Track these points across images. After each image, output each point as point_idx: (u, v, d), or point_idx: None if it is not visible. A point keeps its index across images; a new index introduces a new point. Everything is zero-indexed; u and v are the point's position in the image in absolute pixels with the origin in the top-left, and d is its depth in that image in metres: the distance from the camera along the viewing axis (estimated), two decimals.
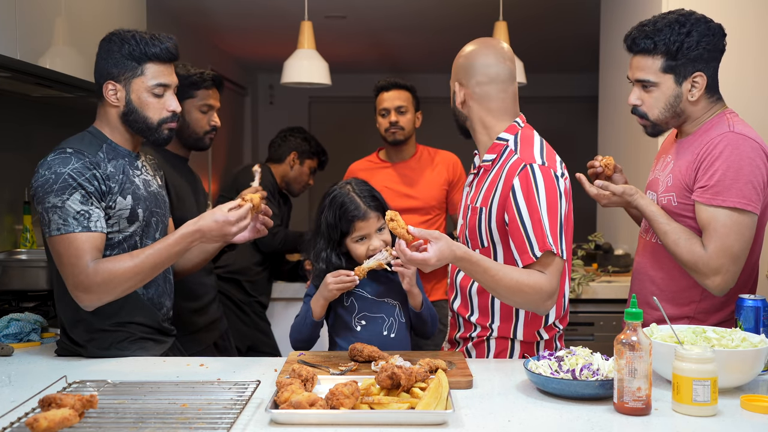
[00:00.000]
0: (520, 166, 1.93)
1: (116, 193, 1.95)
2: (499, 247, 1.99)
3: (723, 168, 1.92)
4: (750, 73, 3.03)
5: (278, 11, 5.02)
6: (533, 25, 5.29)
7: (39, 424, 1.28)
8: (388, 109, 3.25)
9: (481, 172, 2.08)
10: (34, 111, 3.24)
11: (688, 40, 1.97)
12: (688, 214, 2.01)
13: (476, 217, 2.02)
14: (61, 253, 1.87)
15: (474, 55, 2.06)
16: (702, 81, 2.01)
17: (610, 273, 3.62)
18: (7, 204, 3.06)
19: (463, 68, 2.07)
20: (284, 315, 3.53)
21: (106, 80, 2.00)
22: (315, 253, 2.12)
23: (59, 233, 1.86)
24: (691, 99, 2.02)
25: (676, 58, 1.98)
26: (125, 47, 1.97)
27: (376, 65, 7.27)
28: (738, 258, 1.94)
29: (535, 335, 2.03)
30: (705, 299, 2.02)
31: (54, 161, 1.90)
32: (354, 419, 1.46)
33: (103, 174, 1.93)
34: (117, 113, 2.01)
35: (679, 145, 2.10)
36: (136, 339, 2.02)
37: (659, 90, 2.03)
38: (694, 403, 1.51)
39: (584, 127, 6.62)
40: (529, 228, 1.89)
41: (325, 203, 2.10)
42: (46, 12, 2.57)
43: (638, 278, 2.18)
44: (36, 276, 2.60)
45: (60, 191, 1.87)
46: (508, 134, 2.03)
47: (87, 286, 1.85)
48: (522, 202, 1.91)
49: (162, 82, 2.00)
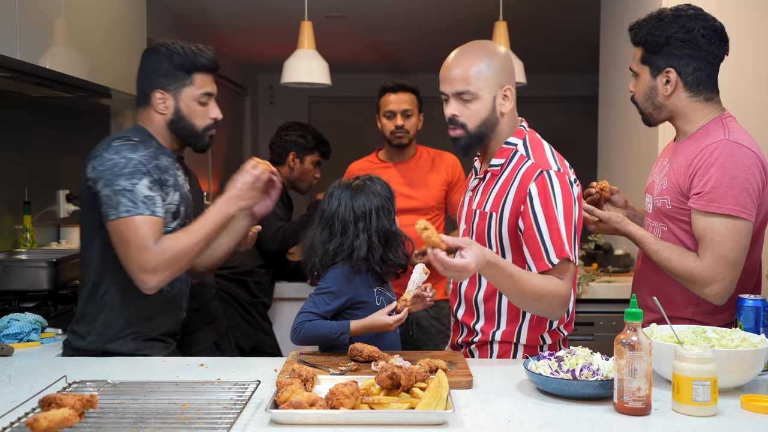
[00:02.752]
0: (537, 172, 1.91)
1: (170, 186, 2.04)
2: (508, 253, 1.97)
3: (718, 175, 1.92)
4: (748, 74, 3.03)
5: (278, 11, 5.02)
6: (533, 25, 5.29)
7: (39, 424, 1.28)
8: (394, 111, 3.22)
9: (488, 177, 2.04)
10: (34, 111, 3.24)
11: (658, 34, 2.01)
12: (683, 217, 2.01)
13: (485, 223, 1.99)
14: (128, 236, 1.92)
15: (509, 53, 2.06)
16: (672, 77, 2.02)
17: (610, 273, 3.62)
18: (7, 204, 3.06)
19: (510, 66, 2.01)
20: (286, 315, 3.53)
21: (154, 89, 2.07)
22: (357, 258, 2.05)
23: (128, 215, 1.91)
24: (665, 93, 2.04)
25: (651, 50, 2.03)
26: (175, 58, 2.06)
27: (376, 65, 7.26)
28: (734, 265, 1.93)
29: (539, 339, 2.02)
30: (702, 302, 2.02)
31: (122, 147, 1.98)
32: (354, 419, 1.46)
33: (162, 166, 2.03)
34: (164, 120, 2.09)
35: (675, 148, 2.10)
36: (149, 339, 2.06)
37: (640, 80, 2.09)
38: (694, 403, 1.51)
39: (584, 127, 6.62)
40: (546, 235, 1.87)
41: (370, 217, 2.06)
42: (46, 12, 2.57)
43: (639, 281, 2.19)
44: (36, 276, 2.60)
45: (131, 175, 1.94)
46: (517, 138, 2.02)
47: (154, 266, 1.91)
48: (539, 209, 1.89)
49: (208, 91, 2.12)
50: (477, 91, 1.95)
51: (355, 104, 7.24)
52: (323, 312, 2.03)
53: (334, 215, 2.08)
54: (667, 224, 2.06)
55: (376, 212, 2.06)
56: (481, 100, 1.96)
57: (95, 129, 3.93)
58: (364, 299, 2.06)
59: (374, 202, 2.07)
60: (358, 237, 2.04)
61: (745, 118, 2.40)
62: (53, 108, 3.38)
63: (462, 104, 1.97)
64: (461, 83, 1.96)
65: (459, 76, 1.96)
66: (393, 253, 2.08)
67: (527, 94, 5.55)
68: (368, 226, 2.05)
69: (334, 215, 2.08)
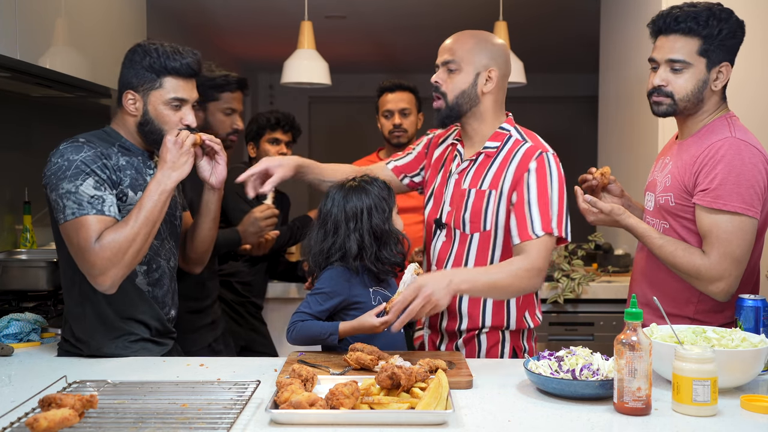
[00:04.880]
0: (537, 152, 2.01)
1: (127, 186, 1.99)
2: (500, 231, 2.05)
3: (725, 172, 1.92)
4: (756, 76, 3.03)
5: (278, 11, 5.03)
6: (533, 25, 5.29)
7: (39, 424, 1.28)
8: (392, 111, 3.24)
9: (481, 158, 2.09)
10: (34, 111, 3.24)
11: (727, 27, 2.00)
12: (686, 214, 2.01)
13: (483, 201, 2.05)
14: (72, 238, 1.89)
15: (506, 48, 2.14)
16: (727, 72, 2.03)
17: (610, 273, 3.62)
18: (7, 204, 3.06)
19: (502, 56, 2.10)
20: (280, 315, 3.52)
21: (126, 89, 2.04)
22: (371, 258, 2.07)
23: (73, 217, 1.88)
24: (714, 89, 2.03)
25: (713, 43, 2.00)
26: (146, 59, 2.01)
27: (376, 65, 7.27)
28: (740, 262, 1.94)
29: (524, 322, 2.11)
30: (702, 301, 2.02)
31: (66, 149, 1.94)
32: (354, 419, 1.46)
33: (114, 165, 1.98)
34: (134, 122, 2.06)
35: (679, 146, 2.10)
36: (137, 340, 2.03)
37: (690, 72, 2.02)
38: (694, 403, 1.51)
39: (584, 127, 6.63)
40: (535, 208, 1.96)
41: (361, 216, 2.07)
42: (46, 12, 2.57)
43: (640, 278, 2.18)
44: (36, 276, 2.60)
45: (73, 177, 1.90)
46: (509, 125, 2.12)
47: (100, 265, 1.87)
48: (534, 184, 1.98)
49: (179, 97, 2.03)
50: (460, 61, 2.06)
51: (355, 104, 7.24)
52: (316, 312, 2.04)
53: (327, 215, 2.10)
54: (669, 221, 2.06)
55: (368, 211, 2.07)
56: (462, 73, 2.06)
57: (95, 129, 3.92)
58: (359, 299, 2.06)
59: (366, 202, 2.07)
60: (350, 237, 2.05)
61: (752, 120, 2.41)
62: (53, 108, 3.38)
63: (446, 74, 2.08)
64: (448, 53, 2.08)
65: (448, 47, 2.09)
66: (388, 252, 2.08)
67: (527, 94, 5.56)
68: (359, 226, 2.06)
69: (327, 215, 2.09)
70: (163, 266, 2.09)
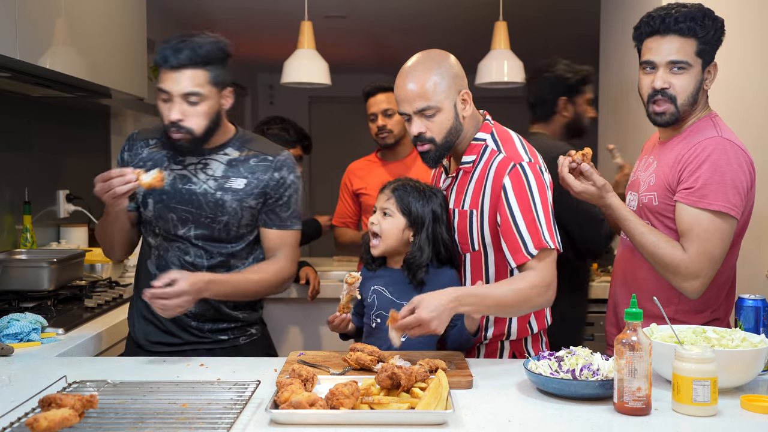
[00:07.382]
0: (509, 166, 1.92)
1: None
2: (490, 250, 1.99)
3: (710, 171, 1.92)
4: (754, 79, 3.02)
5: (278, 11, 5.03)
6: (533, 25, 5.29)
7: (39, 424, 1.28)
8: (375, 113, 3.24)
9: (460, 175, 2.03)
10: (34, 111, 3.24)
11: (717, 27, 1.99)
12: (669, 213, 2.01)
13: (466, 221, 2.00)
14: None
15: (453, 57, 2.01)
16: (714, 71, 2.03)
17: (610, 273, 3.61)
18: (7, 204, 3.06)
19: (459, 68, 1.99)
20: (280, 316, 3.52)
21: None
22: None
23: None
24: (705, 89, 2.03)
25: (708, 43, 1.99)
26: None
27: (376, 65, 7.26)
28: (717, 262, 1.93)
29: (527, 329, 2.05)
30: (683, 301, 2.02)
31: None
32: (354, 419, 1.46)
33: (129, 155, 2.16)
34: None
35: (663, 146, 2.10)
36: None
37: (689, 73, 1.99)
38: (694, 403, 1.51)
39: None
40: (523, 227, 1.88)
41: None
42: (46, 12, 2.57)
43: (618, 278, 2.17)
44: (36, 276, 2.60)
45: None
46: (484, 133, 2.02)
47: None
48: (514, 201, 1.89)
49: (162, 88, 1.99)
50: (438, 104, 1.93)
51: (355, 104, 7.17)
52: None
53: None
54: (651, 221, 2.05)
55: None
56: (443, 112, 1.94)
57: (95, 129, 3.93)
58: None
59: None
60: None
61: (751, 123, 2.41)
62: (53, 108, 3.38)
63: (425, 120, 1.95)
64: (421, 100, 1.93)
65: (416, 92, 1.93)
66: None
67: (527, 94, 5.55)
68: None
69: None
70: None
